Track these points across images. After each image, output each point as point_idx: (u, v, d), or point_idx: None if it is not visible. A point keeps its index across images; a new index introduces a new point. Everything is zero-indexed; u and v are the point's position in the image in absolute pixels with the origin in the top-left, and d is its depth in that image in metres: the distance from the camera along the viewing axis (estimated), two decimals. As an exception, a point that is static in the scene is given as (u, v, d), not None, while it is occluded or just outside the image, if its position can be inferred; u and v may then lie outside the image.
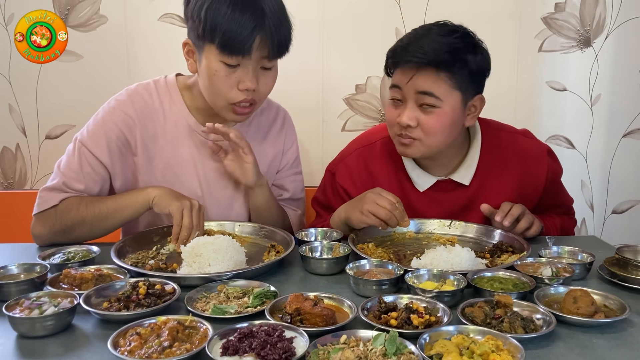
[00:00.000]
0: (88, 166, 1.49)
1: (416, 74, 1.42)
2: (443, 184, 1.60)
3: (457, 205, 1.61)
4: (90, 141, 1.49)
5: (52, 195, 1.47)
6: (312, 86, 2.32)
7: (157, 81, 1.59)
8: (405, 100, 1.47)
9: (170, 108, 1.56)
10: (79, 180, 1.48)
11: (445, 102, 1.44)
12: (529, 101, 2.35)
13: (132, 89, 1.57)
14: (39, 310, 0.98)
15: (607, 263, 1.26)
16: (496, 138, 1.62)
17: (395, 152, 1.61)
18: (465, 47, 1.43)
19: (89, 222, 1.45)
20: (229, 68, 1.39)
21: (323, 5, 2.26)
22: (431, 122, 1.45)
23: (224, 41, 1.34)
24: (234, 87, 1.41)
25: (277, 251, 1.37)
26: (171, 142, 1.56)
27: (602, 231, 2.43)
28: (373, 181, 1.61)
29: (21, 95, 2.31)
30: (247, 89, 1.41)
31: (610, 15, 2.24)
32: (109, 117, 1.51)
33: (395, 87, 1.49)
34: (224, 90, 1.42)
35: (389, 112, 1.53)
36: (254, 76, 1.41)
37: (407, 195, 1.60)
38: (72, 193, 1.48)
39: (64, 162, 1.51)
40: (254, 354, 0.85)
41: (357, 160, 1.67)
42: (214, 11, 1.33)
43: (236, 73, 1.40)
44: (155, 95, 1.56)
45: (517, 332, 0.96)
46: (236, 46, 1.34)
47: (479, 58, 1.45)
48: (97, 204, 1.46)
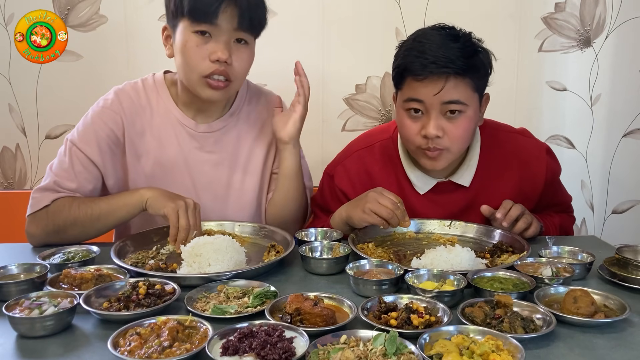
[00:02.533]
0: (80, 165, 1.49)
1: (445, 86, 1.38)
2: (443, 186, 1.59)
3: (458, 207, 1.60)
4: (80, 141, 1.50)
5: (44, 196, 1.46)
6: (312, 86, 2.30)
7: (145, 79, 1.60)
8: (428, 111, 1.43)
9: (157, 103, 1.57)
10: (70, 179, 1.48)
11: (469, 106, 1.43)
12: (529, 101, 2.35)
13: (120, 88, 1.58)
14: (39, 310, 0.98)
15: (607, 263, 1.26)
16: (495, 138, 1.62)
17: (395, 154, 1.61)
18: (476, 48, 1.44)
19: (81, 223, 1.44)
20: (200, 38, 1.39)
21: (323, 5, 2.26)
22: (457, 129, 1.43)
23: (192, 8, 1.36)
24: (205, 58, 1.41)
25: (277, 251, 1.37)
26: (158, 137, 1.56)
27: (602, 231, 2.43)
28: (372, 184, 1.59)
29: (21, 95, 2.32)
30: (218, 59, 1.40)
31: (610, 15, 2.25)
32: (98, 117, 1.52)
33: (415, 100, 1.44)
34: (196, 62, 1.41)
35: (407, 126, 1.47)
36: (226, 47, 1.40)
37: (407, 198, 1.58)
38: (64, 192, 1.47)
39: (56, 162, 1.52)
40: (254, 354, 0.85)
41: (356, 163, 1.65)
42: None
43: (208, 45, 1.40)
44: (143, 93, 1.57)
45: (517, 332, 0.96)
46: (203, 11, 1.35)
47: (486, 56, 1.46)
48: (90, 205, 1.45)
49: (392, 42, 1.53)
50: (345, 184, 1.64)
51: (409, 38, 1.48)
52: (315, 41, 2.27)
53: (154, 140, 1.55)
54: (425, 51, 1.39)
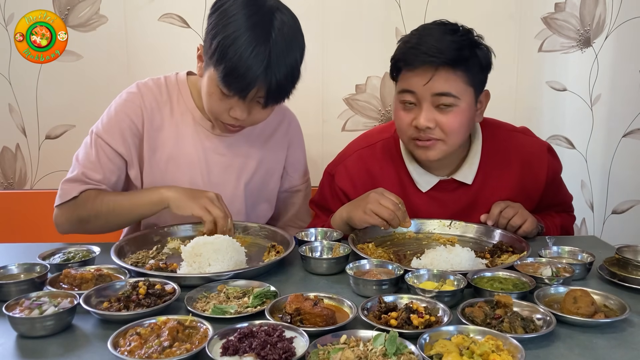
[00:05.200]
0: (105, 157, 1.52)
1: (434, 76, 1.40)
2: (445, 184, 1.60)
3: (460, 204, 1.61)
4: (105, 133, 1.53)
5: (73, 187, 1.49)
6: (312, 86, 2.32)
7: (167, 77, 1.63)
8: (420, 103, 1.45)
9: (177, 102, 1.60)
10: (96, 171, 1.51)
11: (462, 99, 1.44)
12: (529, 101, 2.35)
13: (142, 82, 1.61)
14: (39, 310, 0.98)
15: (607, 263, 1.26)
16: (496, 136, 1.63)
17: (396, 153, 1.60)
18: (473, 43, 1.44)
19: (103, 217, 1.48)
20: (224, 96, 1.41)
21: (323, 5, 2.26)
22: (450, 121, 1.44)
23: (225, 79, 1.36)
24: (226, 111, 1.45)
25: (277, 251, 1.37)
26: (175, 134, 1.58)
27: (602, 231, 2.42)
28: (373, 183, 1.60)
29: (21, 95, 2.31)
30: (236, 117, 1.44)
31: (610, 16, 2.24)
32: (121, 109, 1.56)
33: (407, 91, 1.46)
34: (216, 111, 1.46)
35: (401, 117, 1.49)
36: (246, 109, 1.43)
37: (409, 196, 1.59)
38: (91, 183, 1.50)
39: (82, 153, 1.55)
40: (254, 354, 0.85)
41: (357, 162, 1.65)
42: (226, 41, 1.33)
43: (231, 100, 1.42)
44: (164, 90, 1.60)
45: (517, 332, 0.96)
46: (234, 88, 1.37)
47: (485, 52, 1.47)
48: (113, 200, 1.49)
49: (392, 42, 1.53)
50: (346, 183, 1.64)
51: (410, 32, 1.50)
52: (315, 41, 2.27)
53: (171, 135, 1.58)
54: (420, 43, 1.42)
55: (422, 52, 1.40)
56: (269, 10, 1.36)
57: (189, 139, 1.58)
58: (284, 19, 1.37)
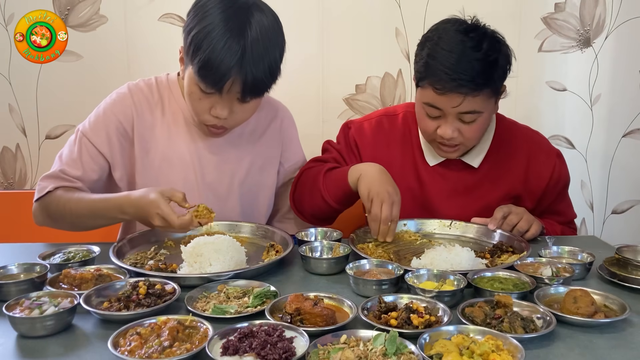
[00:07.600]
0: (87, 156, 1.51)
1: (464, 101, 1.43)
2: (452, 163, 1.63)
3: (463, 184, 1.63)
4: (90, 132, 1.52)
5: (47, 183, 1.48)
6: (312, 86, 2.32)
7: (158, 78, 1.63)
8: (445, 116, 1.48)
9: (169, 102, 1.59)
10: (76, 168, 1.50)
11: (485, 111, 1.49)
12: (529, 101, 2.35)
13: (133, 83, 1.61)
14: (39, 310, 0.98)
15: (607, 263, 1.26)
16: (510, 130, 1.68)
17: (414, 126, 1.66)
18: (497, 53, 1.44)
19: (74, 216, 1.44)
20: (203, 93, 1.41)
21: (323, 5, 2.26)
22: (473, 130, 1.50)
23: (200, 72, 1.36)
24: (206, 111, 1.44)
25: (276, 250, 1.37)
26: (168, 134, 1.58)
27: (602, 231, 2.42)
28: (387, 147, 1.66)
29: (21, 95, 2.31)
30: (217, 116, 1.44)
31: (610, 16, 2.24)
32: (109, 109, 1.55)
33: (434, 107, 1.48)
34: (198, 111, 1.47)
35: (425, 122, 1.53)
36: (226, 106, 1.43)
37: (416, 167, 1.65)
38: (67, 179, 1.48)
39: (65, 151, 1.54)
40: (254, 353, 0.85)
41: (377, 126, 1.70)
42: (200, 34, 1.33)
43: (210, 98, 1.42)
44: (155, 90, 1.59)
45: (517, 332, 0.96)
46: (210, 82, 1.36)
47: (505, 59, 1.47)
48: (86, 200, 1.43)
49: (392, 42, 1.53)
50: (361, 138, 1.69)
51: (432, 37, 1.47)
52: (315, 41, 2.27)
53: (163, 135, 1.58)
54: (448, 65, 1.40)
55: (452, 79, 1.40)
56: (244, 4, 1.37)
57: (182, 138, 1.58)
58: (262, 16, 1.37)
